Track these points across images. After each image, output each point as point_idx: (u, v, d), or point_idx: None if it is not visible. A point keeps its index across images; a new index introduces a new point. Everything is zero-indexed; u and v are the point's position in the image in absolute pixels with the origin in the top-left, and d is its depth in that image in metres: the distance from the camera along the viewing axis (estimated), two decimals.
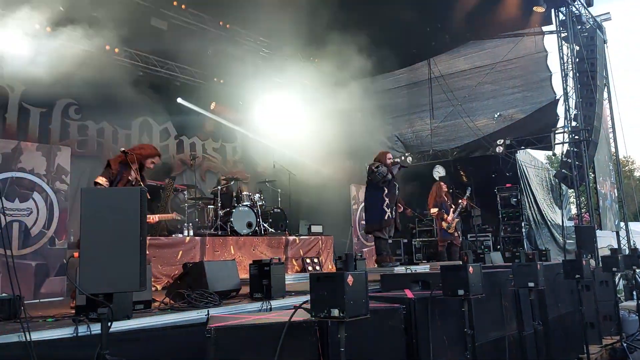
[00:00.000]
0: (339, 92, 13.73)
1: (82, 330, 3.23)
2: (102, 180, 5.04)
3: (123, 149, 5.50)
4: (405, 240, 12.82)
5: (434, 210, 10.03)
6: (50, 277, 6.00)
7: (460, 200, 10.22)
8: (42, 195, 6.03)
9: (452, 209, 10.01)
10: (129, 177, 5.23)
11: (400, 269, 7.21)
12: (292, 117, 14.24)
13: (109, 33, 9.61)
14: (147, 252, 6.35)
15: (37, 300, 5.69)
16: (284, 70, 12.65)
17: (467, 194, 10.32)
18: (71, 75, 9.42)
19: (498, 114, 12.77)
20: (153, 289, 5.91)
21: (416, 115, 13.88)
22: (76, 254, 2.71)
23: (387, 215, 7.75)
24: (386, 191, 7.85)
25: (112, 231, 2.71)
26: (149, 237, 7.03)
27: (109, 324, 2.75)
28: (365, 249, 10.97)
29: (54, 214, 6.10)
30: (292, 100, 13.44)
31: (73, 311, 3.76)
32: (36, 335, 3.05)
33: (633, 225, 14.17)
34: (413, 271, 6.94)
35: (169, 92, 11.48)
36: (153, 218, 5.98)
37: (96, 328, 3.15)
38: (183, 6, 10.09)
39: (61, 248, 6.15)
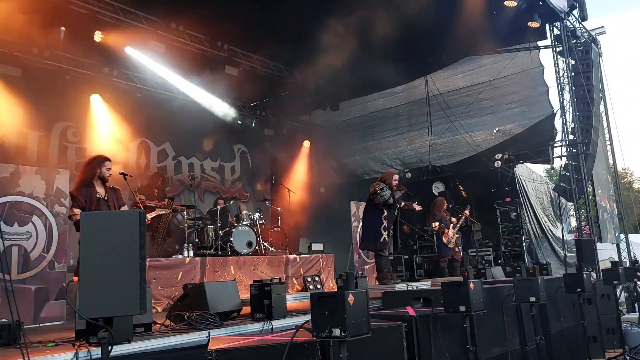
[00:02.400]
0: (338, 110, 13.87)
1: (83, 354, 3.21)
2: (76, 211, 5.18)
3: (122, 171, 5.54)
4: (407, 257, 12.78)
5: (435, 224, 10.02)
6: (50, 301, 5.96)
7: (459, 216, 10.22)
8: (41, 219, 6.02)
9: (451, 225, 10.02)
10: (97, 195, 5.34)
11: (401, 286, 7.19)
12: (290, 135, 14.34)
13: (108, 55, 9.74)
14: (147, 274, 6.36)
15: (37, 325, 5.65)
16: (281, 88, 12.76)
17: (466, 210, 10.33)
18: (69, 98, 9.53)
19: (497, 129, 12.84)
20: (153, 310, 5.88)
21: (415, 132, 13.95)
22: (76, 279, 2.71)
23: (382, 238, 7.75)
24: (385, 213, 7.84)
25: (111, 254, 2.71)
26: (148, 259, 7.02)
27: (110, 348, 2.73)
28: (367, 266, 10.92)
29: (53, 237, 6.08)
30: (290, 118, 13.54)
31: (73, 335, 3.74)
32: None
33: (633, 237, 14.14)
34: (414, 288, 6.92)
35: (167, 112, 11.54)
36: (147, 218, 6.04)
37: (97, 352, 3.13)
38: (181, 28, 10.18)
39: (61, 272, 6.13)
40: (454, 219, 10.16)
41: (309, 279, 9.02)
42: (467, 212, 10.21)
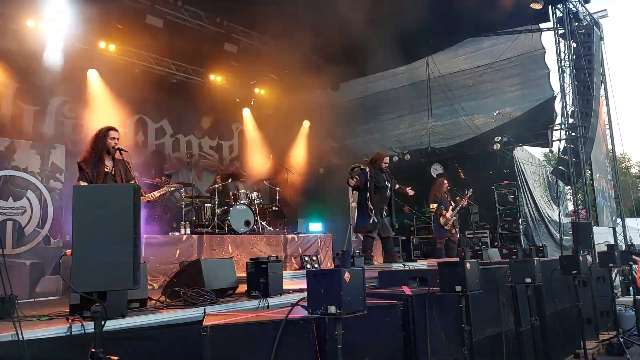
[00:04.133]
0: (338, 90, 13.77)
1: (76, 329, 3.20)
2: (82, 184, 5.07)
3: (118, 146, 5.46)
4: (404, 238, 12.82)
5: (433, 206, 10.05)
6: (46, 276, 5.96)
7: (458, 199, 10.22)
8: (36, 194, 5.98)
9: (450, 207, 10.02)
10: (105, 170, 5.25)
11: (398, 266, 7.20)
12: (290, 115, 14.25)
13: (105, 30, 9.60)
14: (144, 251, 6.35)
15: (32, 300, 5.65)
16: (281, 67, 12.64)
17: (468, 194, 10.31)
18: (66, 73, 9.41)
19: (497, 112, 12.78)
20: (150, 287, 5.88)
21: (416, 114, 13.87)
22: (69, 252, 2.68)
23: (371, 220, 7.76)
24: (369, 195, 7.85)
25: (105, 229, 2.68)
26: (145, 236, 7.01)
27: (103, 322, 2.72)
28: None
29: (48, 212, 6.06)
30: (289, 98, 13.44)
31: (67, 310, 3.73)
32: (29, 335, 3.03)
33: (629, 222, 14.19)
34: (411, 268, 6.93)
35: (165, 89, 11.43)
36: (153, 195, 5.98)
37: (90, 327, 3.12)
38: (179, 3, 10.02)
39: (56, 247, 6.12)
40: (454, 202, 10.16)
41: (306, 259, 9.04)
42: (466, 199, 10.20)
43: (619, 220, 13.66)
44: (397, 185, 8.41)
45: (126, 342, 3.32)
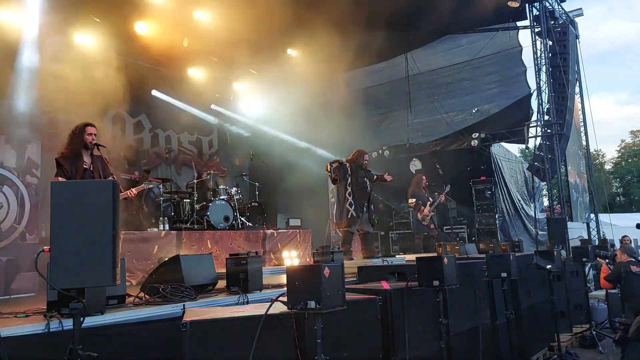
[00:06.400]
0: (316, 86, 13.74)
1: (54, 325, 3.17)
2: (61, 179, 5.00)
3: (95, 141, 5.38)
4: (382, 233, 12.91)
5: (411, 201, 10.14)
6: (22, 273, 5.87)
7: (436, 194, 10.32)
8: (12, 189, 5.89)
9: (428, 202, 10.12)
10: (84, 166, 5.19)
11: (377, 261, 7.27)
12: (269, 110, 14.19)
13: (81, 24, 9.44)
14: (122, 247, 6.28)
15: (8, 297, 5.57)
16: (260, 62, 12.57)
17: (446, 190, 10.42)
18: (41, 66, 9.22)
19: (476, 109, 12.94)
20: (128, 284, 5.83)
21: (396, 111, 13.95)
22: (47, 249, 2.65)
23: (350, 214, 7.83)
24: (349, 190, 7.92)
25: (83, 225, 2.66)
26: (123, 232, 6.94)
27: (82, 319, 2.71)
28: None
29: (25, 208, 5.97)
30: (268, 93, 13.39)
31: (45, 307, 3.69)
32: (6, 332, 3.00)
33: (603, 217, 14.52)
34: (389, 263, 7.01)
35: (143, 83, 11.28)
36: (131, 192, 5.90)
37: (68, 324, 3.10)
38: None
39: (32, 243, 6.03)
40: (432, 198, 10.26)
41: (286, 254, 9.05)
42: (443, 197, 10.30)
43: (592, 215, 13.96)
44: (375, 177, 8.48)
45: (105, 338, 3.30)
